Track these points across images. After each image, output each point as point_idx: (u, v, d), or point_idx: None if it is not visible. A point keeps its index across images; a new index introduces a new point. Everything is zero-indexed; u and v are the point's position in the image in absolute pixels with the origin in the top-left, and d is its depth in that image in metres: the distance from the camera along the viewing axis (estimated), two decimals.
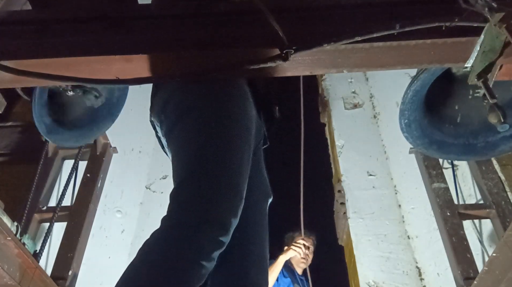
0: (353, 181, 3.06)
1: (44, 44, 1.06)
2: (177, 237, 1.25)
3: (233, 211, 1.29)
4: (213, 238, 1.25)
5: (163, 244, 1.26)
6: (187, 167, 1.37)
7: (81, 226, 2.11)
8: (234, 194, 1.32)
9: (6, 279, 1.36)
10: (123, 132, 2.90)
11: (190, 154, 1.38)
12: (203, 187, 1.31)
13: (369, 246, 2.76)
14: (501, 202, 2.11)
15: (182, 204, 1.31)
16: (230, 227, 1.27)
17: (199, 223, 1.25)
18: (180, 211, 1.30)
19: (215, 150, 1.36)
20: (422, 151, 1.94)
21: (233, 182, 1.33)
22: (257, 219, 1.62)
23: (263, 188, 1.68)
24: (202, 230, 1.25)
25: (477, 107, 1.69)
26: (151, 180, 3.22)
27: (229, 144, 1.38)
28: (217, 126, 1.39)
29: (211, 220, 1.26)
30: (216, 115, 1.41)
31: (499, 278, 1.38)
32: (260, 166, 1.71)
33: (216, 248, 1.27)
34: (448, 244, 2.04)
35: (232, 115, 1.42)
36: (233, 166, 1.35)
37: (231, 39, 1.06)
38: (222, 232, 1.26)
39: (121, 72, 1.05)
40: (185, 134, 1.42)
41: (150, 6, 1.23)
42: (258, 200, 1.64)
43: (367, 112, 3.47)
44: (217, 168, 1.33)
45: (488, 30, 0.98)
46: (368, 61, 1.06)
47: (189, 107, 1.43)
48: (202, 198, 1.29)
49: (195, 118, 1.41)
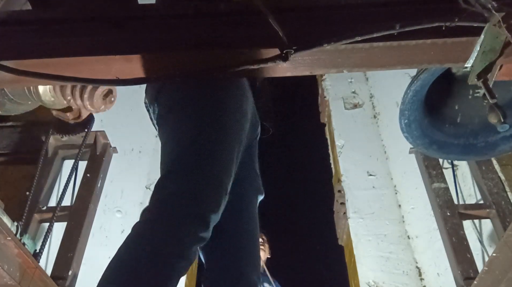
0: (353, 181, 3.06)
1: (44, 44, 1.06)
2: (157, 231, 1.26)
3: (215, 208, 1.29)
4: (193, 233, 1.26)
5: (143, 239, 1.27)
6: (175, 159, 1.37)
7: (81, 226, 2.11)
8: (218, 191, 1.31)
9: (6, 279, 1.36)
10: (123, 132, 2.91)
11: (179, 146, 1.38)
12: (187, 181, 1.31)
13: (369, 246, 2.75)
14: (501, 202, 2.11)
15: (164, 197, 1.31)
16: (210, 223, 1.28)
17: (180, 218, 1.26)
18: (162, 205, 1.31)
19: (204, 145, 1.36)
20: (422, 151, 1.94)
21: (218, 178, 1.33)
22: (250, 215, 1.63)
23: (255, 184, 1.69)
24: (182, 225, 1.25)
25: (477, 107, 1.69)
26: (151, 180, 3.21)
27: (220, 139, 1.38)
28: (209, 121, 1.39)
29: (192, 216, 1.26)
30: (209, 110, 1.40)
31: (499, 278, 1.38)
32: (253, 162, 1.71)
33: (196, 243, 1.27)
34: (448, 244, 2.04)
35: (226, 111, 1.42)
36: (222, 162, 1.35)
37: (231, 39, 1.06)
38: (202, 228, 1.27)
39: (121, 72, 1.05)
40: (176, 125, 1.42)
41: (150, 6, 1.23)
42: (252, 197, 1.65)
43: (367, 112, 3.48)
44: (204, 163, 1.33)
45: (488, 30, 0.98)
46: (368, 61, 1.06)
47: (182, 98, 1.43)
48: (185, 192, 1.29)
49: (187, 110, 1.41)
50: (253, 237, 1.60)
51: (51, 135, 2.31)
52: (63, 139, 2.38)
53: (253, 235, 1.60)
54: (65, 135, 2.31)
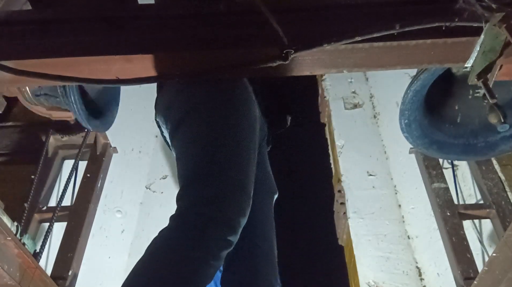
0: (353, 181, 3.06)
1: (44, 44, 1.06)
2: (185, 237, 1.26)
3: (241, 211, 1.29)
4: (221, 238, 1.26)
5: (171, 243, 1.27)
6: (194, 167, 1.37)
7: (81, 226, 2.11)
8: (242, 194, 1.32)
9: (6, 279, 1.36)
10: (123, 132, 2.91)
11: (197, 154, 1.38)
12: (211, 187, 1.31)
13: (369, 246, 2.75)
14: (501, 202, 2.11)
15: (190, 203, 1.31)
16: (238, 226, 1.28)
17: (207, 223, 1.25)
18: (189, 211, 1.30)
19: (222, 150, 1.36)
20: (422, 151, 1.94)
21: (240, 181, 1.33)
22: (264, 215, 1.63)
23: (269, 184, 1.69)
24: (210, 230, 1.25)
25: (477, 107, 1.69)
26: (151, 180, 3.21)
27: (236, 143, 1.38)
28: (223, 126, 1.39)
29: (219, 221, 1.26)
30: (222, 115, 1.41)
31: (499, 278, 1.38)
32: (264, 162, 1.71)
33: (224, 247, 1.27)
34: (448, 244, 2.04)
35: (238, 115, 1.42)
36: (240, 166, 1.35)
37: (231, 39, 1.06)
38: (230, 232, 1.27)
39: (121, 72, 1.05)
40: (191, 134, 1.42)
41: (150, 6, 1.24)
42: (264, 197, 1.65)
43: (367, 112, 3.47)
44: (225, 168, 1.34)
45: (488, 30, 0.98)
46: (368, 61, 1.06)
47: (194, 107, 1.43)
48: (210, 198, 1.29)
49: (200, 118, 1.41)
50: (268, 238, 1.60)
51: (51, 135, 2.31)
52: (63, 139, 2.38)
53: (269, 236, 1.60)
54: (65, 135, 2.31)
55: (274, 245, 1.63)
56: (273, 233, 1.63)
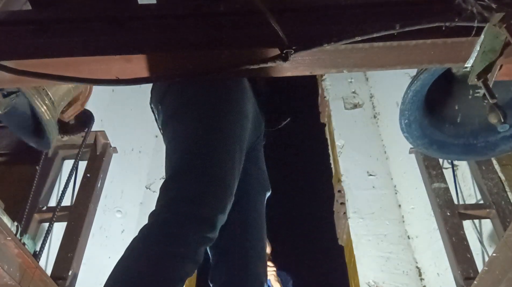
0: (353, 181, 3.06)
1: (44, 44, 1.06)
2: (164, 234, 1.27)
3: (221, 208, 1.30)
4: (200, 234, 1.27)
5: (150, 241, 1.28)
6: (179, 161, 1.38)
7: (81, 226, 2.11)
8: (223, 191, 1.32)
9: (6, 279, 1.36)
10: (123, 132, 2.91)
11: (183, 149, 1.39)
12: (192, 183, 1.32)
13: (369, 246, 2.76)
14: (501, 202, 2.11)
15: (170, 199, 1.32)
16: (217, 223, 1.28)
17: (187, 220, 1.26)
18: (168, 207, 1.31)
19: (207, 147, 1.37)
20: (422, 151, 1.94)
21: (222, 179, 1.34)
22: (257, 214, 1.64)
23: (262, 181, 1.69)
24: (189, 227, 1.26)
25: (477, 107, 1.69)
26: (151, 180, 3.22)
27: (222, 141, 1.39)
28: (208, 124, 1.40)
29: (199, 217, 1.27)
30: (211, 113, 1.42)
31: (499, 278, 1.38)
32: (259, 160, 1.72)
33: (203, 243, 1.28)
34: (448, 244, 2.04)
35: (228, 114, 1.43)
36: (224, 164, 1.36)
37: (231, 39, 1.06)
38: (209, 228, 1.28)
39: (121, 72, 1.05)
40: (178, 129, 1.43)
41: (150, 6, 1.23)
42: (257, 193, 1.66)
43: (367, 112, 3.48)
44: (208, 165, 1.34)
45: (488, 30, 0.98)
46: (368, 61, 1.06)
47: (186, 102, 1.44)
48: (190, 194, 1.30)
49: (190, 113, 1.42)
50: (261, 237, 1.60)
51: None
52: (63, 139, 2.37)
53: (261, 235, 1.61)
54: (65, 135, 2.31)
55: (265, 241, 1.64)
56: (264, 229, 1.64)
